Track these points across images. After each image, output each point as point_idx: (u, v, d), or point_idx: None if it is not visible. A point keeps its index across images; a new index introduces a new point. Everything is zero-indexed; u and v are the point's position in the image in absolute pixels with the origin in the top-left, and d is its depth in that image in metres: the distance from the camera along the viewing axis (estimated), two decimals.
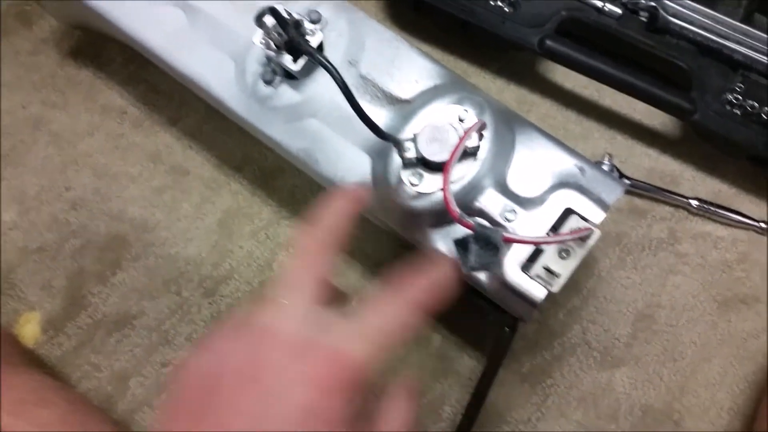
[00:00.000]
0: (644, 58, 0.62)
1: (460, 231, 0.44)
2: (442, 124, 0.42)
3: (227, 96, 0.48)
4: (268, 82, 0.46)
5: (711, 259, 0.61)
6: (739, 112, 0.58)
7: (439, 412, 0.55)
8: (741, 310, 0.59)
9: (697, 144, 0.62)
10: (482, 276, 0.45)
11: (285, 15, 0.42)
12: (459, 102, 0.44)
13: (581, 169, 0.45)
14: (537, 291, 0.43)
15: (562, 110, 0.65)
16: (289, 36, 0.41)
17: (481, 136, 0.42)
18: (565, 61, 0.61)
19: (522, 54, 0.62)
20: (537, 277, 0.43)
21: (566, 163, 0.45)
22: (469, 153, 0.43)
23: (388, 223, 0.48)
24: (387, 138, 0.40)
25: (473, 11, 0.61)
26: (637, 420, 0.56)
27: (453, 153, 0.39)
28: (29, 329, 0.55)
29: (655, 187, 0.62)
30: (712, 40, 0.60)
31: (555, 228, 0.43)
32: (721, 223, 0.62)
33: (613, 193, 0.44)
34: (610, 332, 0.58)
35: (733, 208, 0.61)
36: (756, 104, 0.58)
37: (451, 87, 0.46)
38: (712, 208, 0.61)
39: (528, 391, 0.56)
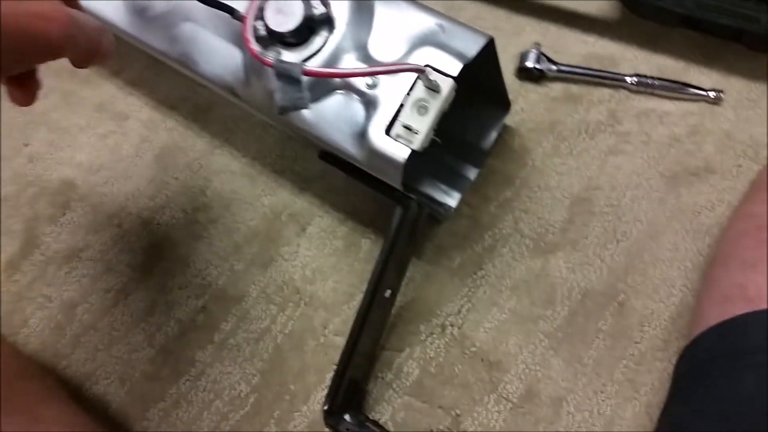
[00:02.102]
0: None
1: (337, 104, 0.44)
2: None
3: (116, 17, 0.51)
4: None
5: (657, 135, 0.56)
6: None
7: None
8: (693, 183, 0.55)
9: (638, 23, 0.59)
10: (354, 149, 0.44)
11: None
12: None
13: (440, 26, 0.44)
14: (399, 151, 0.42)
15: (492, 10, 0.63)
16: None
17: (326, 3, 0.42)
18: None
19: None
20: (398, 138, 0.42)
21: (426, 23, 0.44)
22: (323, 22, 0.43)
23: (262, 113, 0.48)
24: (231, 11, 0.41)
25: None
26: (575, 304, 0.52)
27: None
28: None
29: (588, 69, 0.58)
30: None
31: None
32: (668, 98, 0.57)
33: (475, 44, 0.43)
34: (544, 219, 0.55)
35: (678, 80, 0.57)
36: None
37: None
38: (654, 83, 0.57)
39: (458, 284, 0.54)
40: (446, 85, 0.41)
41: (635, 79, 0.57)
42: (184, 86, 0.64)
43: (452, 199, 0.55)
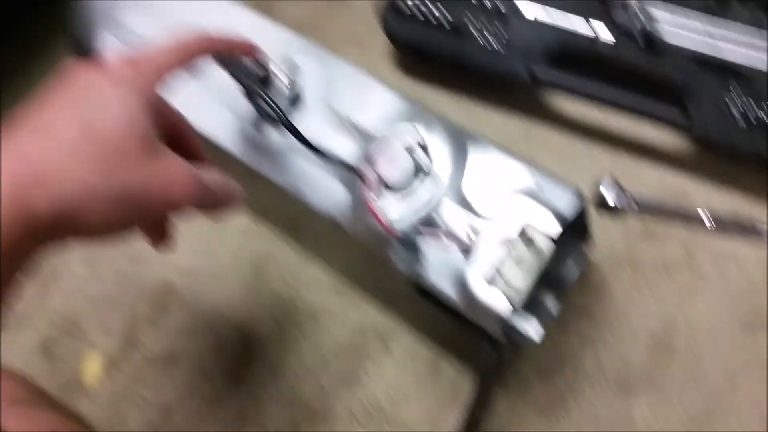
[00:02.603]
0: (640, 76, 0.62)
1: (435, 246, 0.47)
2: (393, 144, 0.46)
3: (230, 144, 0.55)
4: (257, 129, 0.53)
5: (734, 279, 0.58)
6: (739, 116, 0.57)
7: None
8: None
9: (712, 158, 0.61)
10: (453, 293, 0.47)
11: (251, 67, 0.48)
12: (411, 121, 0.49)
13: (538, 183, 0.47)
14: (501, 304, 0.45)
15: (566, 136, 0.67)
16: (244, 84, 0.47)
17: (428, 155, 0.46)
18: (558, 88, 0.63)
19: (521, 86, 0.64)
20: (499, 291, 0.45)
21: (524, 176, 0.47)
22: (425, 172, 0.47)
23: (370, 248, 0.52)
24: (339, 163, 0.45)
25: (462, 51, 0.65)
26: None
27: (379, 166, 0.43)
28: (92, 368, 0.64)
29: (664, 204, 0.61)
30: (707, 54, 0.60)
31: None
32: (742, 240, 0.59)
33: (572, 204, 0.46)
34: (625, 357, 0.57)
35: (753, 220, 0.59)
36: (756, 105, 0.56)
37: (411, 113, 0.50)
38: (730, 224, 0.59)
39: (541, 420, 0.56)
40: (547, 246, 0.44)
41: (712, 219, 0.60)
42: (279, 197, 0.68)
43: (535, 332, 0.58)
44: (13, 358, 0.63)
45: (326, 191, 0.52)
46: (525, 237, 0.44)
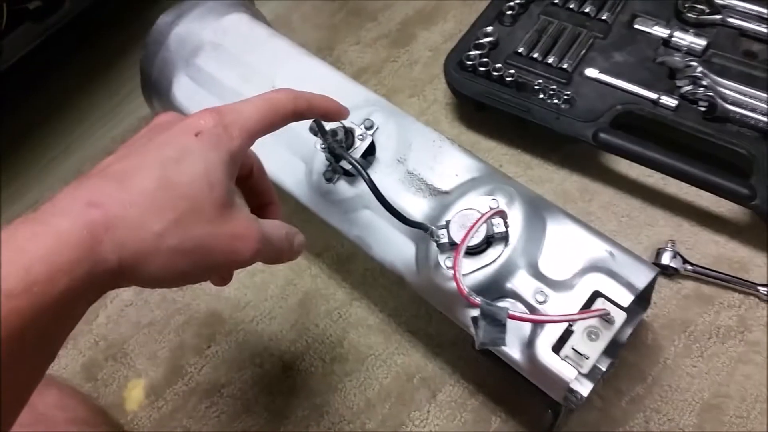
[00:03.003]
0: (702, 144, 0.63)
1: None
2: (471, 212, 0.47)
3: (298, 192, 0.56)
4: (329, 180, 0.54)
5: None
6: None
7: None
8: None
9: None
10: (517, 356, 0.47)
11: (330, 127, 0.49)
12: (490, 193, 0.49)
13: (611, 254, 0.47)
14: (567, 371, 0.45)
15: (625, 198, 0.67)
16: (328, 144, 0.48)
17: (506, 224, 0.46)
18: (620, 153, 0.64)
19: (583, 146, 0.65)
20: (567, 358, 0.45)
21: (596, 248, 0.48)
22: (500, 238, 0.47)
23: (432, 303, 0.52)
24: (417, 226, 0.46)
25: (529, 109, 0.66)
26: None
27: (464, 238, 0.43)
28: (135, 394, 0.64)
29: (720, 273, 0.61)
30: None
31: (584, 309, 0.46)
32: None
33: (644, 276, 0.46)
34: (675, 422, 0.57)
35: None
36: None
37: (487, 179, 0.51)
38: None
39: None
40: (619, 318, 0.44)
41: (766, 289, 0.60)
42: (329, 235, 0.69)
43: (584, 388, 0.57)
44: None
45: (394, 246, 0.53)
46: (597, 307, 0.44)
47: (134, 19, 0.90)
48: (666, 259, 0.62)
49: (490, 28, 0.73)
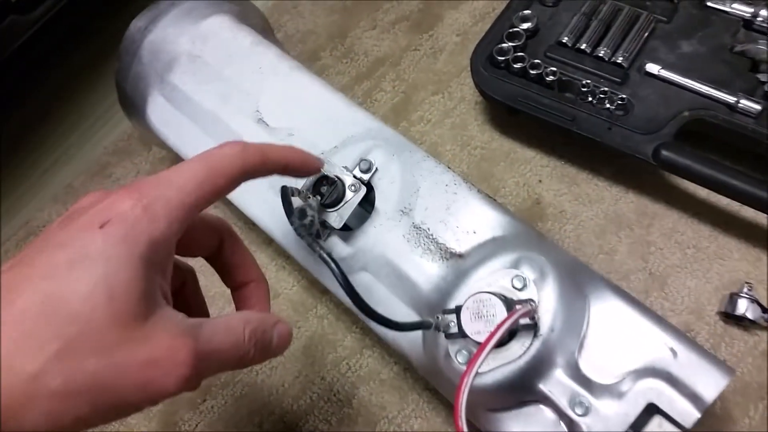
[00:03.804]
0: None
1: (516, 418, 0.38)
2: (488, 297, 0.36)
3: (287, 243, 0.47)
4: (317, 236, 0.44)
5: None
6: None
7: None
8: None
9: None
10: None
11: (299, 189, 0.40)
12: (516, 264, 0.38)
13: (672, 351, 0.36)
14: None
15: (692, 223, 0.55)
16: (294, 227, 0.38)
17: (534, 317, 0.36)
18: (688, 175, 0.51)
19: (641, 161, 0.53)
20: None
21: (654, 341, 0.37)
22: (528, 327, 0.37)
23: (445, 395, 0.43)
24: (417, 327, 0.36)
25: (575, 117, 0.54)
26: None
27: (481, 348, 0.33)
28: None
29: None
30: None
31: (636, 427, 0.35)
32: None
33: (716, 384, 0.35)
34: None
35: None
36: None
37: (512, 241, 0.40)
38: None
39: None
40: None
41: None
42: None
43: None
44: None
45: (397, 318, 0.43)
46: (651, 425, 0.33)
47: (129, 10, 0.80)
48: (741, 308, 0.50)
49: (527, 12, 0.60)
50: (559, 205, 0.59)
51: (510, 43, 0.59)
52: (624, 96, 0.54)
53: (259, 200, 0.48)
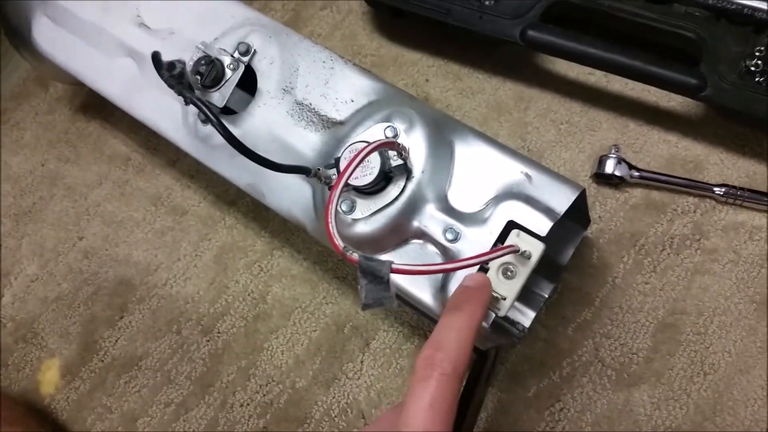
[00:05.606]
0: (646, 32, 0.55)
1: (414, 254, 0.41)
2: (362, 144, 0.39)
3: (177, 138, 0.49)
4: (204, 121, 0.46)
5: (746, 254, 0.52)
6: (762, 80, 0.50)
7: None
8: None
9: (724, 123, 0.55)
10: (430, 302, 0.41)
11: (173, 59, 0.41)
12: (387, 118, 0.42)
13: (527, 176, 0.40)
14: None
15: (565, 102, 0.60)
16: (166, 82, 0.40)
17: (403, 155, 0.39)
18: (553, 51, 0.56)
19: (515, 48, 0.57)
20: None
21: (510, 170, 0.41)
22: (401, 171, 0.40)
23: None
24: (297, 171, 0.39)
25: (449, 10, 0.58)
26: None
27: (340, 176, 0.36)
28: (50, 376, 0.59)
29: (672, 176, 0.55)
30: (725, 4, 0.53)
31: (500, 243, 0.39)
32: (758, 211, 0.53)
33: (566, 198, 0.39)
34: (627, 346, 0.52)
35: None
36: None
37: (385, 102, 0.44)
38: (743, 194, 0.53)
39: (534, 417, 0.51)
40: (536, 251, 0.38)
41: (723, 189, 0.53)
42: None
43: (526, 318, 0.52)
44: None
45: (288, 192, 0.46)
46: (511, 241, 0.37)
47: None
48: (609, 167, 0.55)
49: None
50: (445, 100, 0.62)
51: None
52: None
53: (155, 106, 0.49)
